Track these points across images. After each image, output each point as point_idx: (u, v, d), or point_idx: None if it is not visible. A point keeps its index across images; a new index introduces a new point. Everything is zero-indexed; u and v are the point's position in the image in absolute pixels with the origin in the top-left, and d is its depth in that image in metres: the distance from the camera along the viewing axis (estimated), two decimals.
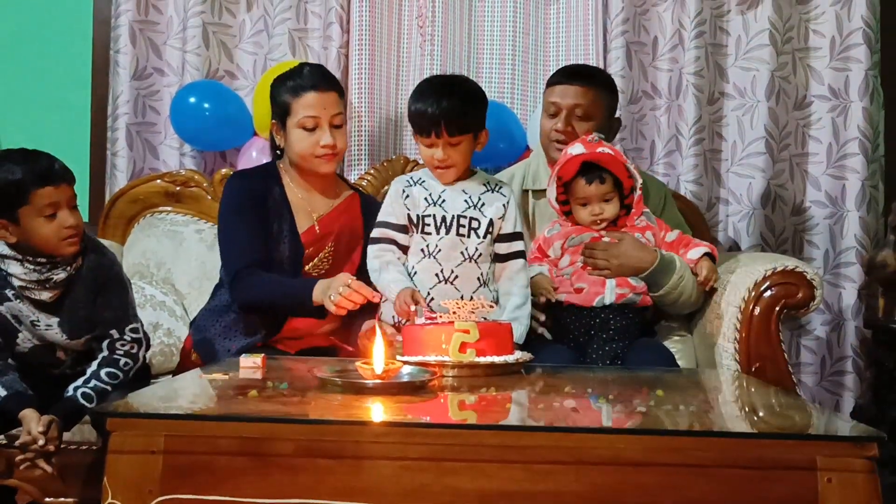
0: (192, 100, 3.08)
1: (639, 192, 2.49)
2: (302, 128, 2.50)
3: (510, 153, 3.02)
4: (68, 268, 2.15)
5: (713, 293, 2.63)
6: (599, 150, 2.43)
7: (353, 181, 3.08)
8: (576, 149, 2.46)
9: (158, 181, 3.09)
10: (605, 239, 2.48)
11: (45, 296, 2.16)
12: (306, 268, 2.54)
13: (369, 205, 2.68)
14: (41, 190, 2.07)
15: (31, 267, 2.13)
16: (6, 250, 2.13)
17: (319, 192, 2.62)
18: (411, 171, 3.02)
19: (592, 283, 2.44)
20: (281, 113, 2.54)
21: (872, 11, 3.17)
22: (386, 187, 3.03)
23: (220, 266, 2.61)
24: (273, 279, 2.46)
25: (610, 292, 2.43)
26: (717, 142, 3.25)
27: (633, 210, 2.50)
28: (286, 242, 2.52)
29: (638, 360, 2.38)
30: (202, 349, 2.54)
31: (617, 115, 2.78)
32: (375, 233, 2.45)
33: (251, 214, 2.51)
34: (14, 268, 2.13)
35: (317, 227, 2.57)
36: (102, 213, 3.12)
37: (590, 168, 2.45)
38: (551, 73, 2.86)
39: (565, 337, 2.47)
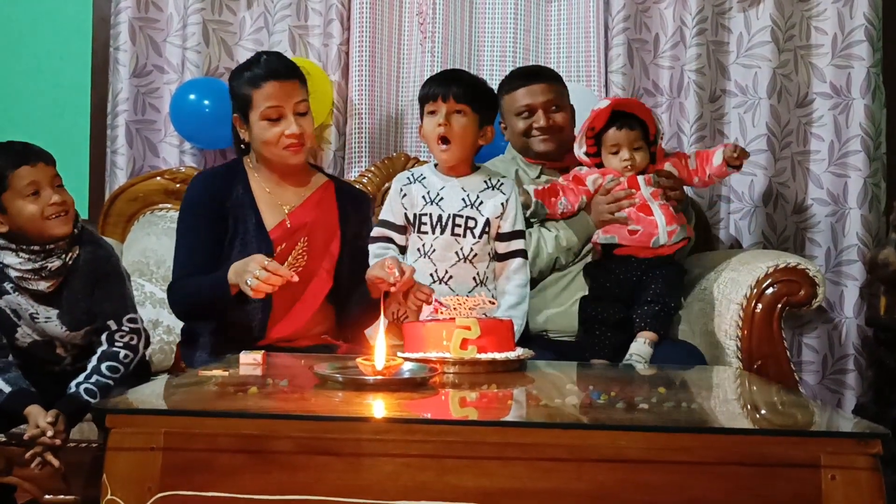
0: (192, 97, 3.07)
1: (660, 141, 2.64)
2: (266, 119, 2.41)
3: None
4: (64, 256, 2.16)
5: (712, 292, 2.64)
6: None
7: (353, 179, 3.08)
8: (603, 103, 2.61)
9: (158, 179, 3.10)
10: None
11: (43, 286, 2.16)
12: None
13: (344, 192, 2.58)
14: (18, 171, 2.10)
15: (26, 256, 2.13)
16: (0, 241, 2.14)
17: (290, 184, 2.51)
18: (411, 169, 3.01)
19: (647, 225, 2.54)
20: (242, 106, 2.44)
21: (874, 9, 3.17)
22: (386, 185, 3.03)
23: None
24: (193, 280, 2.36)
25: (663, 231, 2.53)
26: (719, 139, 3.24)
27: (657, 159, 2.63)
28: (253, 242, 2.41)
29: (667, 358, 2.41)
30: (188, 359, 2.44)
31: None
32: (375, 231, 2.45)
33: (201, 220, 2.42)
34: (9, 258, 2.14)
35: (287, 222, 2.46)
36: (102, 210, 3.12)
37: (620, 116, 2.58)
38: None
39: (608, 295, 2.54)
